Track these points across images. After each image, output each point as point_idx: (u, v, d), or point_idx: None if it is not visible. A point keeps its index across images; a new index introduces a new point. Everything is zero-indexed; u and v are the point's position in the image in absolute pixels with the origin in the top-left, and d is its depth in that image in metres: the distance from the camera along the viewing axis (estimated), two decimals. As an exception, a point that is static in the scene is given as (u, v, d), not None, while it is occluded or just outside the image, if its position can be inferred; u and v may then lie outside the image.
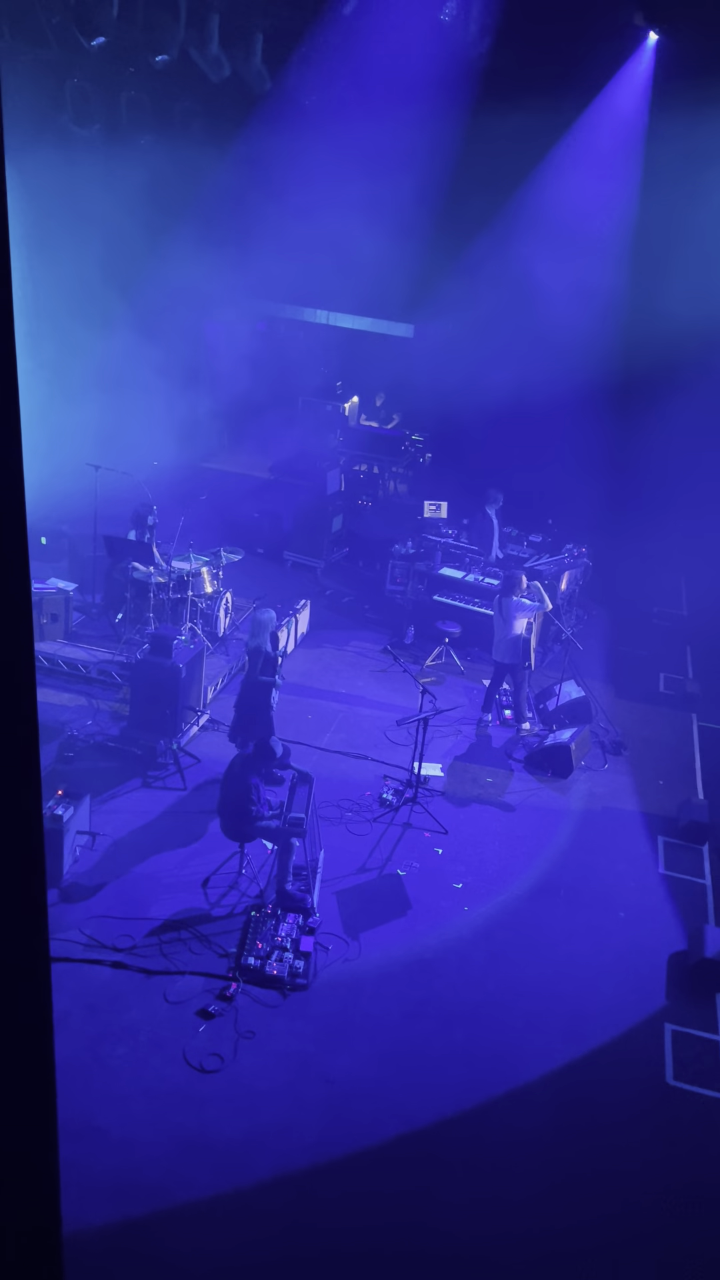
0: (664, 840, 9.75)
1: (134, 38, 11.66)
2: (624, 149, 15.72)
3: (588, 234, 16.02)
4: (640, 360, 15.43)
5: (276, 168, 16.04)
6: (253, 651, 9.79)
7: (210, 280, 17.84)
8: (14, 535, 2.27)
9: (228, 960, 7.58)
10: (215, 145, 15.63)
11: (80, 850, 8.55)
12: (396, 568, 13.73)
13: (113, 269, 15.97)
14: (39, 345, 14.14)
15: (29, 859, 2.48)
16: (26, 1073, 2.61)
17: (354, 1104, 6.59)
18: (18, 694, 2.33)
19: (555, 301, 15.72)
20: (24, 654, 2.34)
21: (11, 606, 2.28)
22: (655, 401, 15.74)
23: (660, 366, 15.18)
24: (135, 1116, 6.30)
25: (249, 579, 13.88)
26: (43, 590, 11.70)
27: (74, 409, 14.33)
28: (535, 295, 15.81)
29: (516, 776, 10.61)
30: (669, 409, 15.63)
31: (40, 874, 2.55)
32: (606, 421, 16.12)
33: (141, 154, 14.65)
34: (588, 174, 15.94)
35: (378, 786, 10.06)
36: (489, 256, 16.48)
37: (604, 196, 16.02)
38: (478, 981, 7.74)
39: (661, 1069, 7.16)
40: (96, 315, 15.94)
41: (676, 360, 15.08)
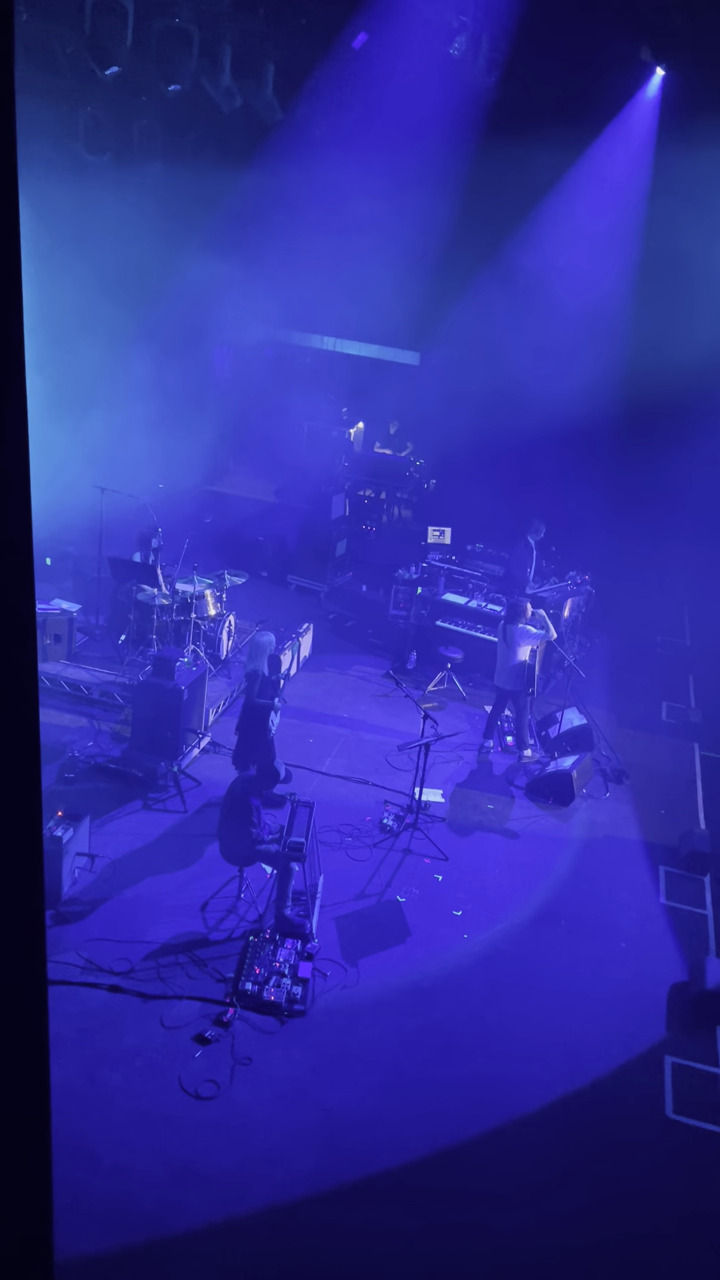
0: (665, 870, 9.70)
1: (147, 68, 11.82)
2: (631, 182, 15.88)
3: (594, 265, 16.16)
4: (646, 389, 15.50)
5: (286, 197, 16.21)
6: (250, 674, 9.82)
7: (218, 306, 18.00)
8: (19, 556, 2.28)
9: (225, 985, 7.53)
10: (225, 174, 15.80)
11: (79, 872, 8.52)
12: (400, 592, 13.75)
13: (122, 294, 16.10)
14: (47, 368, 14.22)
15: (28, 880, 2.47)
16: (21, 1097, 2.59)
17: (351, 1134, 6.53)
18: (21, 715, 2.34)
19: (561, 330, 15.85)
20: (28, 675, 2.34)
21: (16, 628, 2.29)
22: (660, 430, 15.80)
23: (665, 395, 15.25)
24: (130, 1143, 6.25)
25: (252, 602, 13.91)
26: (47, 611, 11.72)
27: (81, 431, 14.42)
28: (541, 324, 15.94)
29: (518, 803, 10.58)
30: (674, 437, 15.70)
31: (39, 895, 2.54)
32: (611, 449, 16.19)
33: (153, 181, 14.83)
34: (595, 206, 16.10)
35: (378, 812, 10.03)
36: (495, 285, 16.62)
37: (611, 228, 16.16)
38: (477, 1011, 7.68)
39: (661, 1102, 7.09)
40: (104, 339, 16.07)
41: (682, 389, 15.15)
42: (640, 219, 16.04)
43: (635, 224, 16.09)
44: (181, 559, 12.38)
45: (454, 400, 16.57)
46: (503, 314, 16.30)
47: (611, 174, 15.92)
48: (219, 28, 12.51)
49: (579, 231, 16.12)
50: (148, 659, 11.06)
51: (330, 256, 16.62)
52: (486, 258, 16.81)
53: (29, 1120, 2.62)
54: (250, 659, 9.87)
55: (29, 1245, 2.70)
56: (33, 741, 2.40)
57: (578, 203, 16.23)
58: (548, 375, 15.62)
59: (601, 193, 16.05)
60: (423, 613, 13.42)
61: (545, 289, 16.03)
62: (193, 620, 11.62)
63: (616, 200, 16.04)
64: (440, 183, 16.27)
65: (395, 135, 15.36)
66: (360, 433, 20.23)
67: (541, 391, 15.52)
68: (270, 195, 16.18)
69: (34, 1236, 2.72)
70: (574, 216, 16.25)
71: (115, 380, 16.10)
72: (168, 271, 16.30)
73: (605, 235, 16.16)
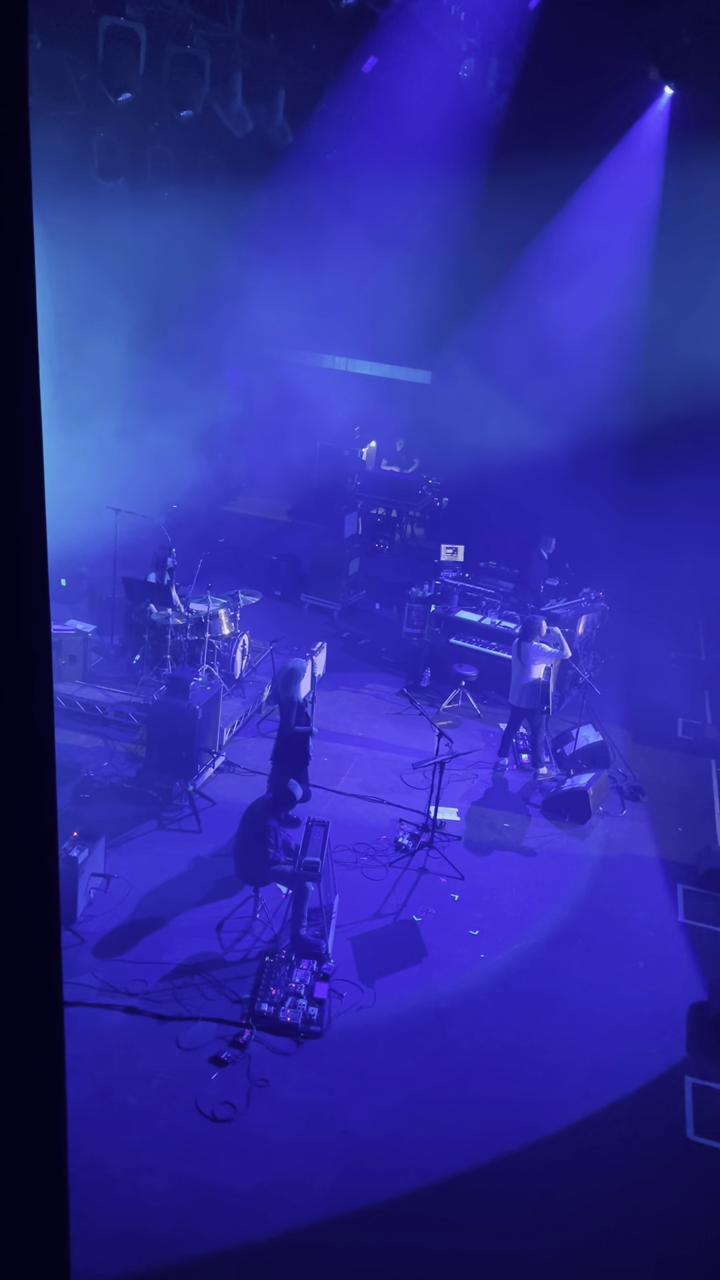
0: (683, 888, 9.62)
1: (159, 94, 11.94)
2: (640, 200, 15.95)
3: (605, 283, 16.22)
4: (656, 406, 15.53)
5: (298, 219, 16.35)
6: (285, 703, 9.73)
7: (232, 328, 18.15)
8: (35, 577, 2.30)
9: (241, 1006, 7.50)
10: (238, 198, 15.96)
11: (94, 893, 8.52)
12: (413, 610, 13.75)
13: (134, 317, 16.26)
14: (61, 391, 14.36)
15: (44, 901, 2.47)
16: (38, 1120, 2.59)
17: (368, 1157, 6.48)
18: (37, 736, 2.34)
19: (572, 348, 15.90)
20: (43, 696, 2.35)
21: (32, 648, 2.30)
22: (672, 444, 15.80)
23: (676, 412, 15.26)
24: (146, 1166, 6.21)
25: (266, 621, 13.93)
26: (62, 631, 11.77)
27: (95, 453, 14.52)
28: (552, 342, 16.00)
29: (534, 822, 10.53)
30: (686, 452, 15.70)
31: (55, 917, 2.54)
32: (622, 465, 16.20)
33: (166, 206, 14.98)
34: (604, 225, 16.18)
35: (393, 830, 9.99)
36: (506, 305, 16.70)
37: (620, 246, 16.23)
38: (494, 1031, 7.62)
39: (682, 1124, 7.01)
40: (118, 361, 16.21)
41: (692, 406, 15.17)
42: (650, 237, 16.11)
43: (645, 241, 16.16)
44: (195, 579, 12.43)
45: (466, 418, 16.62)
46: (514, 331, 16.37)
47: (621, 192, 16.01)
48: (230, 54, 12.65)
49: (589, 249, 16.20)
50: (162, 679, 11.08)
51: (342, 277, 16.74)
52: (497, 276, 16.91)
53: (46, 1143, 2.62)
54: (284, 687, 9.81)
55: (46, 1269, 2.68)
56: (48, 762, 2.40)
57: (587, 221, 16.31)
58: (559, 392, 15.66)
59: (611, 211, 16.13)
60: (436, 630, 13.41)
61: (556, 306, 16.10)
62: (207, 640, 11.65)
63: (626, 218, 16.12)
64: (451, 203, 16.39)
65: (405, 158, 15.49)
66: (372, 451, 20.30)
67: (553, 408, 15.56)
68: (282, 218, 16.33)
69: (51, 1260, 2.70)
70: (584, 235, 16.33)
71: (129, 401, 16.23)
72: (181, 294, 16.46)
73: (615, 253, 16.23)
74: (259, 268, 16.81)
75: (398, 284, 17.08)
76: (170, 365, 16.46)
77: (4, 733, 2.25)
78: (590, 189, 16.22)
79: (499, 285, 16.90)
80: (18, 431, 2.17)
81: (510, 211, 15.91)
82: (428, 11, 12.26)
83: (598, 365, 16.10)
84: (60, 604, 13.07)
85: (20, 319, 2.12)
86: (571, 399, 15.64)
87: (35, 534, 2.27)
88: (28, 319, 2.15)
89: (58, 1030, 2.61)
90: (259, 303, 17.51)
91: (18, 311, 2.11)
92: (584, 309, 16.11)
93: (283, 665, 10.11)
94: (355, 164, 15.71)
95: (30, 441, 2.22)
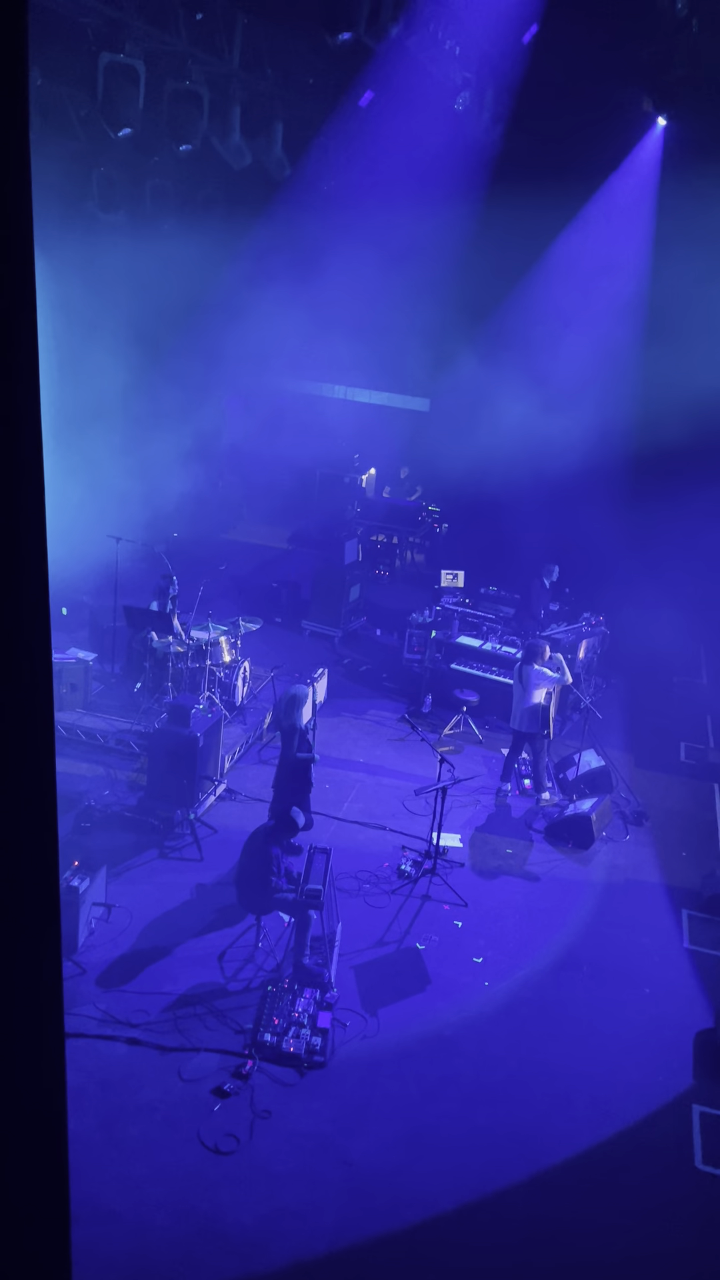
0: (688, 914, 9.57)
1: (159, 128, 12.11)
2: (635, 229, 16.12)
3: (600, 312, 16.36)
4: (656, 432, 15.60)
5: (295, 250, 16.52)
6: (287, 730, 9.72)
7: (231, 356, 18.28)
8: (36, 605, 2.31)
9: (244, 1036, 7.44)
10: (236, 229, 16.14)
11: (96, 922, 8.47)
12: (414, 636, 13.77)
13: (134, 346, 16.39)
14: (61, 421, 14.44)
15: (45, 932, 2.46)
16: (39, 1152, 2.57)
17: (373, 1188, 6.40)
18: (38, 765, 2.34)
19: (570, 374, 16.00)
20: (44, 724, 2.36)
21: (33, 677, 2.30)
22: (671, 471, 15.86)
23: (676, 438, 15.33)
24: (148, 1199, 6.14)
25: (268, 648, 13.95)
26: (63, 660, 11.78)
27: (95, 481, 14.58)
28: (550, 368, 16.10)
29: (537, 847, 10.49)
30: (685, 478, 15.75)
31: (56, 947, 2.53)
32: (622, 491, 16.26)
33: (165, 238, 15.14)
34: (599, 254, 16.33)
35: (396, 857, 9.95)
36: (503, 332, 16.83)
37: (615, 276, 16.38)
38: (499, 1060, 7.56)
39: (690, 1152, 6.93)
40: (118, 390, 16.33)
41: (692, 432, 15.24)
42: (645, 266, 16.25)
43: (640, 270, 16.31)
44: (196, 606, 12.46)
45: (465, 445, 16.71)
46: (511, 359, 16.49)
47: (615, 222, 16.17)
48: (229, 89, 12.83)
49: (585, 277, 16.34)
50: (163, 706, 11.08)
51: (340, 307, 16.89)
52: (494, 305, 17.05)
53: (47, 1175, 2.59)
54: (285, 714, 9.80)
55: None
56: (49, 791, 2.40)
57: (583, 250, 16.47)
58: (557, 419, 15.75)
59: (606, 240, 16.29)
60: (437, 656, 13.42)
61: (553, 333, 16.22)
62: (208, 667, 11.65)
63: (621, 247, 16.27)
64: (447, 233, 16.56)
65: (402, 189, 15.67)
66: (372, 479, 20.41)
67: (551, 436, 15.64)
68: (281, 249, 16.50)
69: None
70: (579, 264, 16.48)
71: (129, 430, 16.32)
72: (180, 324, 16.60)
73: (611, 281, 16.37)
74: (258, 298, 16.97)
75: (396, 313, 17.24)
76: (170, 394, 16.58)
77: (5, 761, 2.26)
78: (585, 217, 16.38)
79: (496, 314, 17.04)
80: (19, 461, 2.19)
81: (506, 241, 16.07)
82: (423, 46, 12.44)
83: (596, 391, 16.19)
84: (61, 632, 13.09)
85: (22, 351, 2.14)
86: (570, 425, 15.72)
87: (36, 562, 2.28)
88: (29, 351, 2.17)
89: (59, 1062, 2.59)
90: (258, 331, 17.66)
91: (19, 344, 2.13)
92: (582, 333, 16.23)
93: (284, 692, 10.10)
94: (352, 195, 15.90)
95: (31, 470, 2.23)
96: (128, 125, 11.22)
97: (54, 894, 2.50)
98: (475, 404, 16.88)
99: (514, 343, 16.65)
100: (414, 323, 17.41)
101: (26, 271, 2.12)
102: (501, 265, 16.64)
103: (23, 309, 2.13)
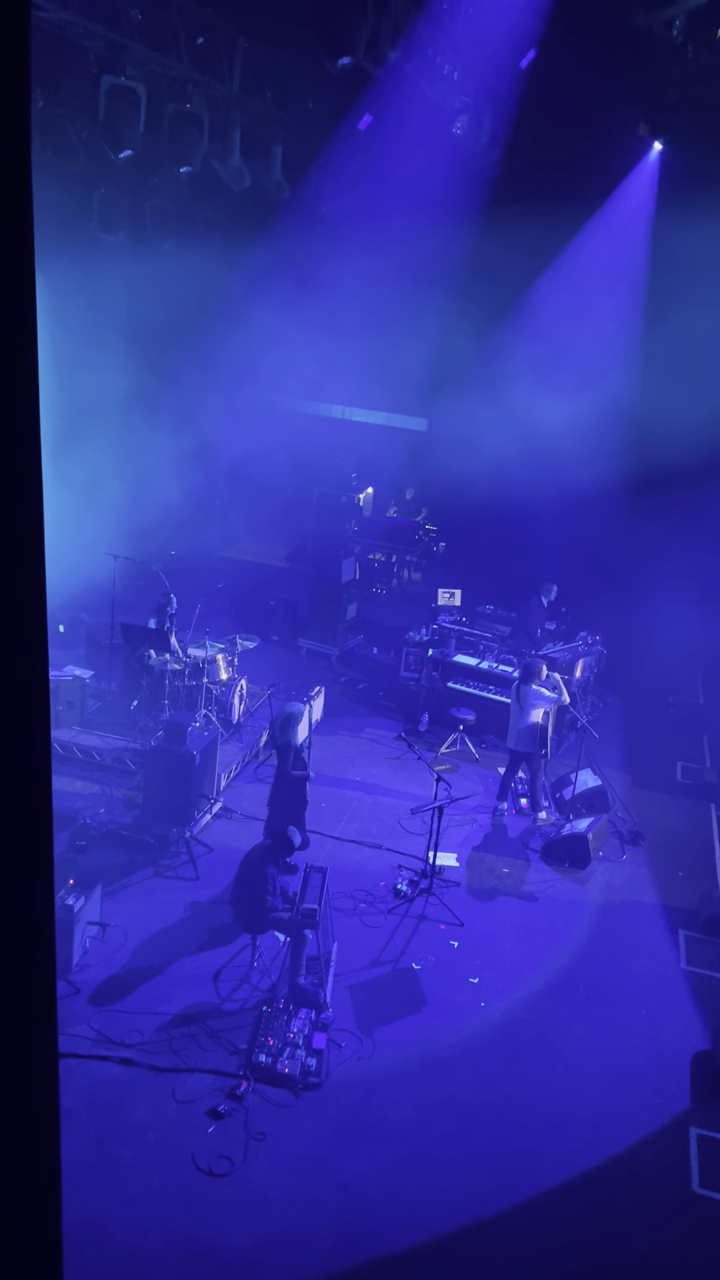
0: (685, 934, 9.54)
1: (159, 150, 12.20)
2: (631, 252, 16.25)
3: (596, 333, 16.46)
4: (653, 451, 15.68)
5: (294, 270, 16.64)
6: (282, 747, 9.71)
7: (229, 376, 18.36)
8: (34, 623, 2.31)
9: (238, 1057, 7.39)
10: (236, 250, 16.25)
11: (90, 941, 8.43)
12: (411, 655, 13.78)
13: (134, 366, 16.47)
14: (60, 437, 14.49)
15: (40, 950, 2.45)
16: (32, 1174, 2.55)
17: (368, 1211, 6.35)
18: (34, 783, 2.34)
19: (567, 396, 16.08)
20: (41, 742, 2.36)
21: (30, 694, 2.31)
22: (667, 492, 15.93)
23: (673, 458, 15.41)
24: (142, 1222, 6.09)
25: (265, 665, 13.94)
26: (60, 677, 11.77)
27: (94, 499, 14.63)
28: (547, 389, 16.18)
29: (533, 867, 10.46)
30: (681, 500, 15.83)
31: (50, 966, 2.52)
32: (622, 509, 16.32)
33: (165, 258, 15.24)
34: (596, 276, 16.45)
35: (392, 876, 9.92)
36: (500, 353, 16.93)
37: (612, 297, 16.49)
38: (495, 1082, 7.51)
39: (687, 1176, 6.88)
40: (116, 409, 16.39)
41: (688, 456, 15.32)
42: (641, 288, 16.37)
43: (637, 292, 16.43)
44: (194, 624, 12.46)
45: (462, 465, 16.78)
46: (508, 380, 16.58)
47: (612, 245, 16.30)
48: (229, 112, 12.95)
49: (581, 300, 16.45)
50: (160, 724, 11.06)
51: (339, 327, 16.99)
52: (492, 325, 17.15)
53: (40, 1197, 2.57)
54: (281, 731, 9.79)
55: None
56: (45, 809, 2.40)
57: (579, 273, 16.59)
58: (554, 439, 15.82)
59: (602, 263, 16.42)
60: (434, 675, 13.42)
61: (550, 353, 16.31)
62: (205, 685, 11.65)
63: (617, 270, 16.40)
64: (445, 255, 16.68)
65: (400, 211, 15.80)
66: (369, 498, 20.47)
67: (549, 456, 15.71)
68: (279, 270, 16.61)
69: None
70: (576, 286, 16.60)
71: (127, 448, 16.38)
72: (179, 343, 16.68)
73: (607, 303, 16.48)
74: (257, 318, 17.07)
75: (394, 333, 17.34)
76: (169, 413, 16.64)
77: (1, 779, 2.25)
78: (582, 240, 16.52)
79: (493, 334, 17.15)
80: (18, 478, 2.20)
81: (504, 263, 16.20)
82: (421, 71, 12.57)
83: (593, 412, 16.27)
84: (58, 650, 13.09)
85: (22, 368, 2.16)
86: (569, 444, 15.79)
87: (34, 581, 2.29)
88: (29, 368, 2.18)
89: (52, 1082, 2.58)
90: (257, 351, 17.76)
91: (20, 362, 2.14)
92: (578, 356, 16.33)
93: (280, 710, 10.09)
94: (351, 217, 16.02)
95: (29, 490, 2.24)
96: (128, 147, 11.31)
97: (49, 912, 2.50)
98: (473, 424, 16.98)
99: (511, 362, 16.74)
100: (412, 343, 17.51)
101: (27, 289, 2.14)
102: (498, 287, 16.76)
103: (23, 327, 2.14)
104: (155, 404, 16.46)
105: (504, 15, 12.65)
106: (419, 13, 11.60)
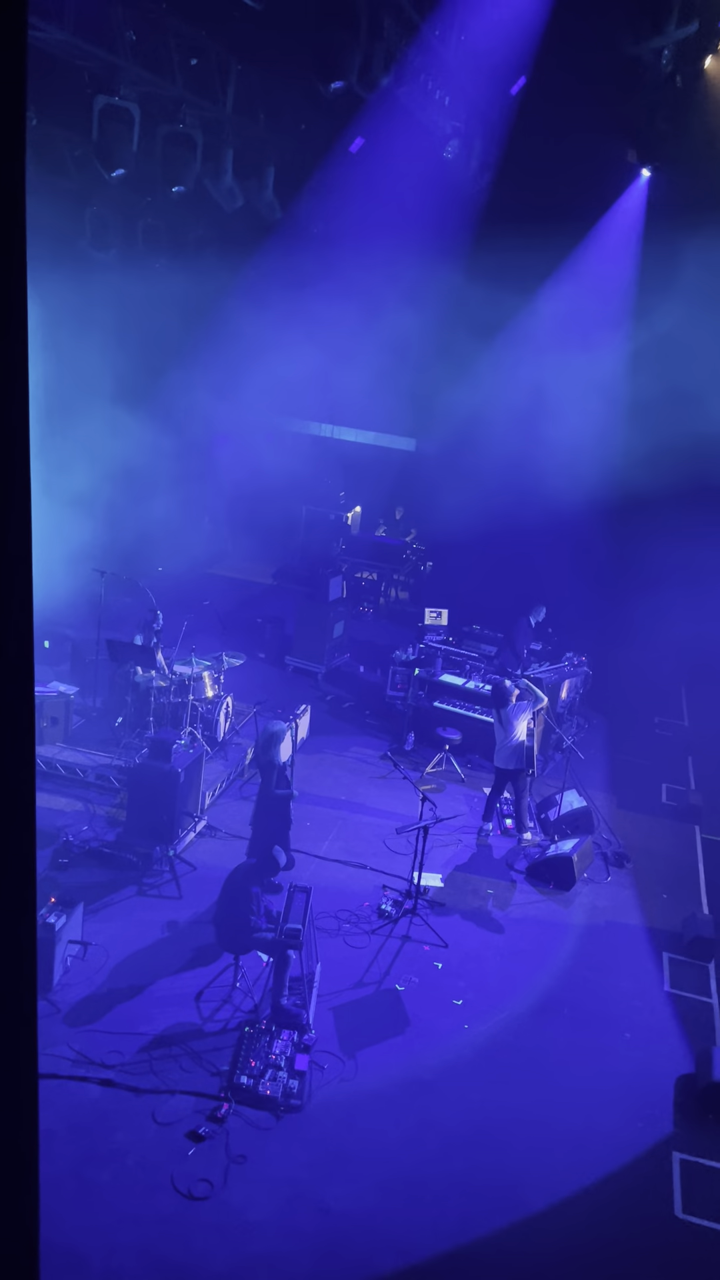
0: (669, 956, 9.52)
1: (152, 170, 12.27)
2: (619, 277, 16.40)
3: (584, 356, 16.58)
4: (641, 474, 15.77)
5: (285, 291, 16.73)
6: (265, 766, 9.68)
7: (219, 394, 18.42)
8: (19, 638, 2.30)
9: (220, 1079, 7.33)
10: (227, 270, 16.33)
11: (71, 960, 8.36)
12: (397, 673, 13.78)
13: (124, 383, 16.49)
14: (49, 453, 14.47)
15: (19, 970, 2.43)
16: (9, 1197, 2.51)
17: (349, 1236, 6.29)
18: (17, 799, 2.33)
19: (553, 417, 16.19)
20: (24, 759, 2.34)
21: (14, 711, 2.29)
22: (654, 514, 16.01)
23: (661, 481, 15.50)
24: (120, 1246, 6.01)
25: (251, 683, 13.91)
26: (44, 693, 11.70)
27: (81, 515, 14.61)
28: (534, 411, 16.29)
29: (518, 888, 10.44)
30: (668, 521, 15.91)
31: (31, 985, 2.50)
32: (605, 532, 16.41)
33: (157, 276, 15.30)
34: (585, 301, 16.60)
35: (376, 897, 9.88)
36: (489, 375, 17.04)
37: (601, 321, 16.63)
38: (478, 1104, 7.46)
39: (670, 1201, 6.84)
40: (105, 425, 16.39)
41: (675, 477, 15.41)
42: (629, 312, 16.52)
43: (624, 317, 16.57)
44: (180, 641, 12.43)
45: (449, 485, 16.85)
46: (497, 402, 16.68)
47: (600, 269, 16.46)
48: (221, 133, 13.04)
49: (570, 324, 16.59)
50: (144, 741, 11.01)
51: (329, 347, 17.08)
52: (481, 348, 17.27)
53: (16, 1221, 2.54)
54: (264, 750, 9.75)
55: None
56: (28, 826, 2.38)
57: (568, 297, 16.74)
58: (541, 463, 15.91)
59: (591, 287, 16.56)
60: (420, 694, 13.42)
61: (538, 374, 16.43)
62: (190, 702, 11.61)
63: (606, 294, 16.54)
64: (435, 278, 16.80)
65: (391, 233, 15.92)
66: (357, 516, 20.51)
67: (536, 477, 15.79)
68: (270, 290, 16.70)
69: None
70: (565, 310, 16.74)
71: (115, 465, 16.38)
72: (169, 361, 16.72)
73: (596, 328, 16.62)
74: (247, 337, 17.14)
75: (383, 354, 17.43)
76: (157, 430, 16.65)
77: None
78: (571, 265, 16.67)
79: (482, 357, 17.27)
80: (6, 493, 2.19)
81: (493, 286, 16.32)
82: (413, 95, 12.70)
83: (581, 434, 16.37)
84: (43, 666, 13.02)
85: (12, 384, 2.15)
86: (555, 465, 15.87)
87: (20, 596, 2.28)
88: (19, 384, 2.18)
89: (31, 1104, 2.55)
90: (247, 369, 17.82)
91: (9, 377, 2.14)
92: (565, 380, 16.44)
93: (263, 728, 10.07)
94: (342, 238, 16.13)
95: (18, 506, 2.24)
96: (121, 166, 11.36)
97: (30, 931, 2.47)
98: (461, 444, 17.06)
99: (500, 384, 16.85)
100: (400, 364, 17.61)
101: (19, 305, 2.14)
102: (488, 309, 16.89)
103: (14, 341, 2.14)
104: (144, 420, 16.47)
105: (495, 43, 12.80)
106: (411, 38, 11.73)
